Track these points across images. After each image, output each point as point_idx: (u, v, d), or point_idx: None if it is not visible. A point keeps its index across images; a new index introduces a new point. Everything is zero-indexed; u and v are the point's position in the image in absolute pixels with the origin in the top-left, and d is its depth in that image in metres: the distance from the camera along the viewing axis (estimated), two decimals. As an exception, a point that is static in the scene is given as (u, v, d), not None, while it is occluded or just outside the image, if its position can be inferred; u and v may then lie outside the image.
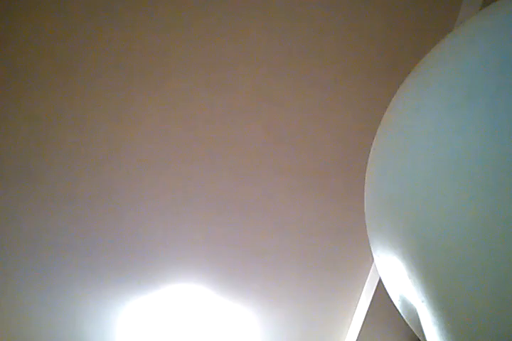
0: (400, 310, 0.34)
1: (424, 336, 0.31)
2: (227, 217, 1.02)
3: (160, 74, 0.80)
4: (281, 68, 0.79)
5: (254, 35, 0.75)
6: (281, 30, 0.74)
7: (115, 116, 0.86)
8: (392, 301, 0.35)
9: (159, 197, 0.99)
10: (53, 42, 0.77)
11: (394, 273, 0.31)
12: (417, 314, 0.31)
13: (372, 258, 1.10)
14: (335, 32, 0.74)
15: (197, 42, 0.76)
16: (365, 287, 1.13)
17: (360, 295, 1.16)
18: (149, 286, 1.19)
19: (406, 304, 0.32)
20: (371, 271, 1.09)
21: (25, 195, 0.99)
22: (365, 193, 0.36)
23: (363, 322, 1.09)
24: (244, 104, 0.84)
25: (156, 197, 0.99)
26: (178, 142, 0.90)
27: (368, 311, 1.06)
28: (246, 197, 0.98)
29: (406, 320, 0.35)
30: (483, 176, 0.23)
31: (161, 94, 0.83)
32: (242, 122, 0.86)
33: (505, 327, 0.23)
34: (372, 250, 0.35)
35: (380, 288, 1.01)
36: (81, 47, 0.77)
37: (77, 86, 0.82)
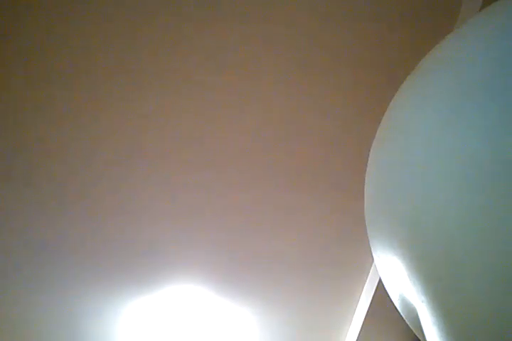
0: (399, 310, 0.34)
1: (424, 336, 0.31)
2: (228, 219, 1.02)
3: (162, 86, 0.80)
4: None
5: (257, 40, 0.75)
6: (280, 31, 0.74)
7: (121, 122, 0.86)
8: (392, 301, 0.35)
9: (161, 200, 0.99)
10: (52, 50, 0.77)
11: (394, 273, 0.31)
12: (417, 314, 0.31)
13: (372, 259, 1.10)
14: (338, 31, 0.74)
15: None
16: (365, 287, 1.13)
17: (360, 296, 1.16)
18: (150, 287, 1.19)
19: (406, 304, 0.32)
20: (371, 271, 1.09)
21: (29, 196, 0.99)
22: (365, 194, 0.36)
23: (363, 322, 1.09)
24: (249, 109, 0.84)
25: (158, 200, 0.99)
26: (181, 145, 0.90)
27: (367, 311, 1.06)
28: (246, 200, 0.98)
29: (406, 320, 0.35)
30: (483, 176, 0.23)
31: (160, 108, 0.83)
32: (243, 130, 0.86)
33: (504, 327, 0.23)
34: (372, 250, 0.35)
35: (380, 288, 1.01)
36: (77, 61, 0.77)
37: (77, 97, 0.82)
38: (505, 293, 0.22)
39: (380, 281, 1.01)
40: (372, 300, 1.03)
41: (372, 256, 1.10)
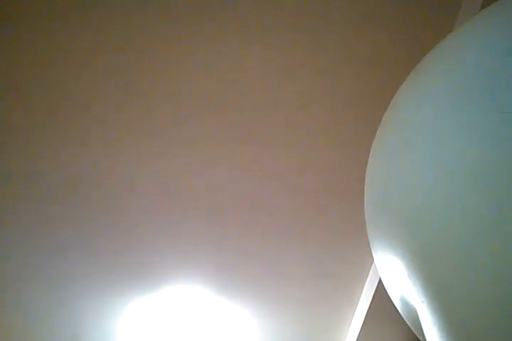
0: (399, 310, 0.34)
1: (424, 336, 0.31)
2: (228, 220, 1.02)
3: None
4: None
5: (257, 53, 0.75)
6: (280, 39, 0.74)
7: (120, 129, 0.86)
8: (392, 301, 0.35)
9: (161, 201, 0.99)
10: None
11: (394, 273, 0.31)
12: (417, 314, 0.31)
13: (372, 259, 1.10)
14: (338, 30, 0.74)
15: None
16: (365, 287, 1.13)
17: (360, 296, 1.16)
18: (150, 287, 1.18)
19: (406, 304, 0.32)
20: (371, 271, 1.09)
21: (30, 196, 0.99)
22: (364, 193, 0.36)
23: (363, 322, 1.09)
24: (246, 121, 0.84)
25: (158, 201, 0.99)
26: (177, 147, 0.90)
27: (367, 311, 1.06)
28: (246, 200, 0.98)
29: (406, 320, 0.35)
30: (482, 176, 0.23)
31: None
32: (238, 129, 0.86)
33: (504, 328, 0.23)
34: (372, 250, 0.35)
35: (380, 288, 1.01)
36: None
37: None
38: (506, 293, 0.22)
39: (380, 281, 1.01)
40: (372, 300, 1.03)
41: (372, 256, 1.10)
